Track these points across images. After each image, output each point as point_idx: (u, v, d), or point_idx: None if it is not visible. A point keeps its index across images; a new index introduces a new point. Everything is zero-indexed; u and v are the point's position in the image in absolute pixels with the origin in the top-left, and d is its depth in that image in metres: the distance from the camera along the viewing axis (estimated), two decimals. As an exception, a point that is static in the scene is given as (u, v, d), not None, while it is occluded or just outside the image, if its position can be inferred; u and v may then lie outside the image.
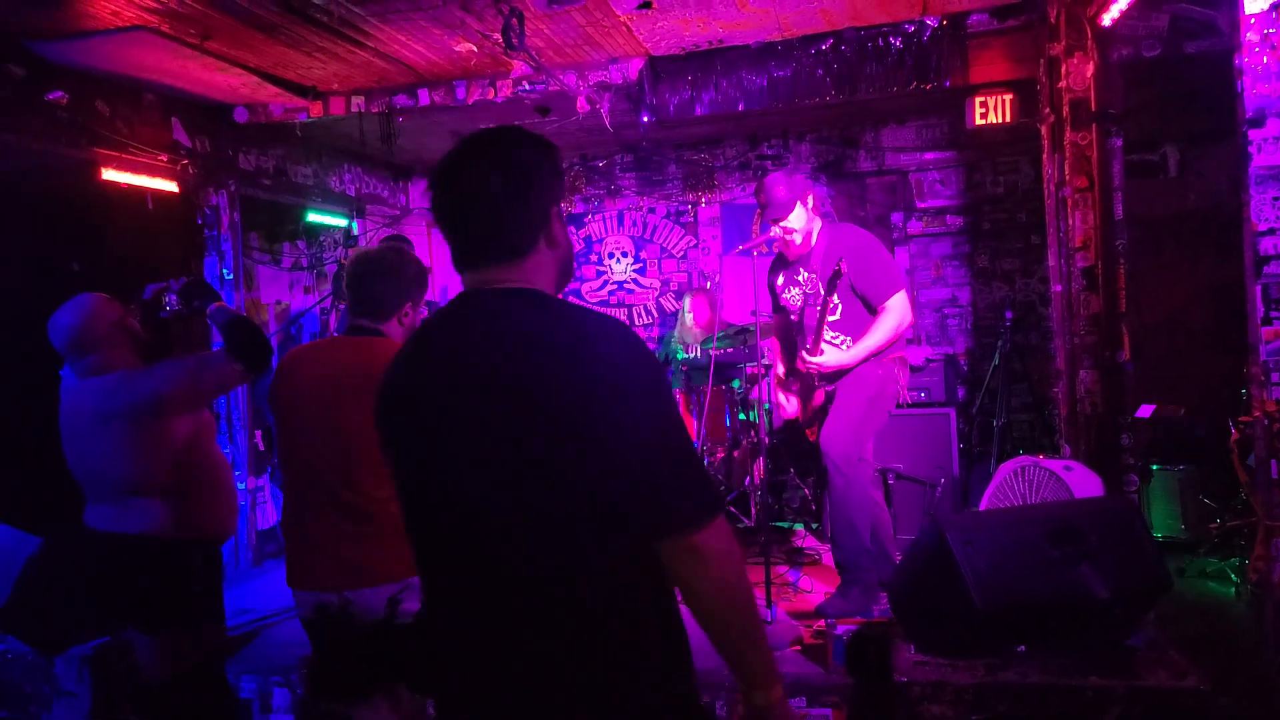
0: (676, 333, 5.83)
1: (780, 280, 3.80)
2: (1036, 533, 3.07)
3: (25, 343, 4.59)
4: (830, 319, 3.45)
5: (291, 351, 2.45)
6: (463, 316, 1.36)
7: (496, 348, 1.28)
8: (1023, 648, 3.14)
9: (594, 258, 7.02)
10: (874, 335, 3.44)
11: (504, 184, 1.34)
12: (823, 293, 3.39)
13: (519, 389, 1.24)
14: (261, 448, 5.66)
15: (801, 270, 3.64)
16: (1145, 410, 4.60)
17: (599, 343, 1.26)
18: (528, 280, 1.37)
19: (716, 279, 6.69)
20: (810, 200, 3.55)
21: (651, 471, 1.22)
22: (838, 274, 3.35)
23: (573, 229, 7.06)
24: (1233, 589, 4.14)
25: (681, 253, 6.84)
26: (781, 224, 3.52)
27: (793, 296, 3.69)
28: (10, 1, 3.58)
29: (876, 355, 3.48)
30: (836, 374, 3.54)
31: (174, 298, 2.90)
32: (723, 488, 5.25)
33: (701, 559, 1.22)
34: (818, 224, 3.57)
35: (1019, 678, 2.95)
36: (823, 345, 3.42)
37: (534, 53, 4.31)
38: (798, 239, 3.56)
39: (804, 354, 3.46)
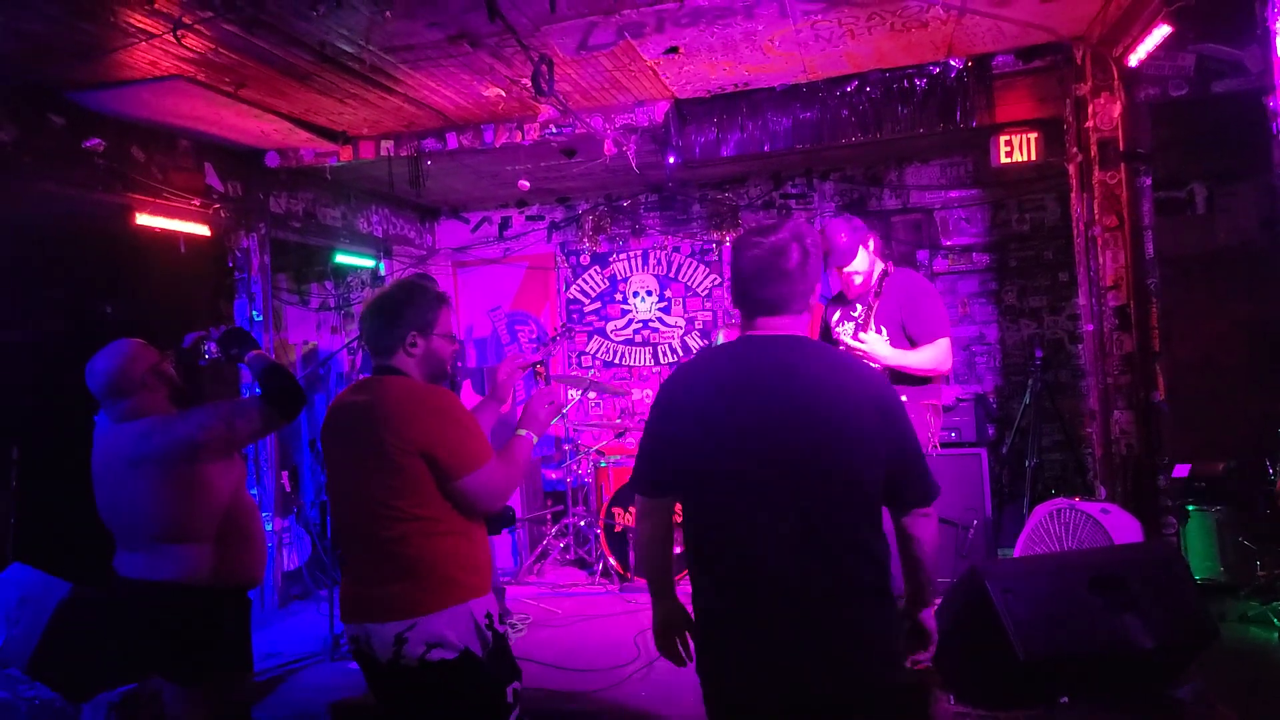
0: None
1: (836, 316, 3.90)
2: (1078, 581, 3.01)
3: (59, 386, 4.66)
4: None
5: (338, 394, 2.49)
6: (788, 345, 1.93)
7: (848, 370, 1.92)
8: (1065, 699, 3.06)
9: (619, 297, 7.04)
10: (914, 354, 3.52)
11: (803, 263, 1.93)
12: (872, 303, 3.54)
13: (878, 402, 1.87)
14: (288, 489, 5.67)
15: (857, 305, 3.72)
16: (1182, 470, 4.52)
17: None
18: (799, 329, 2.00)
19: (739, 317, 6.68)
20: (871, 243, 3.68)
21: (917, 469, 1.93)
22: (877, 294, 3.50)
23: (597, 268, 7.09)
24: (1276, 634, 4.03)
25: (706, 291, 6.85)
26: (847, 269, 3.66)
27: (845, 331, 3.75)
28: (53, 54, 3.67)
29: (911, 377, 3.52)
30: None
31: (213, 345, 2.93)
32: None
33: (929, 523, 1.98)
34: (879, 265, 3.67)
35: (1064, 731, 2.87)
36: (871, 333, 3.51)
37: (561, 97, 4.36)
38: (859, 279, 3.69)
39: (852, 334, 3.57)
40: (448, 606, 2.17)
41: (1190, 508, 4.77)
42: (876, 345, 3.51)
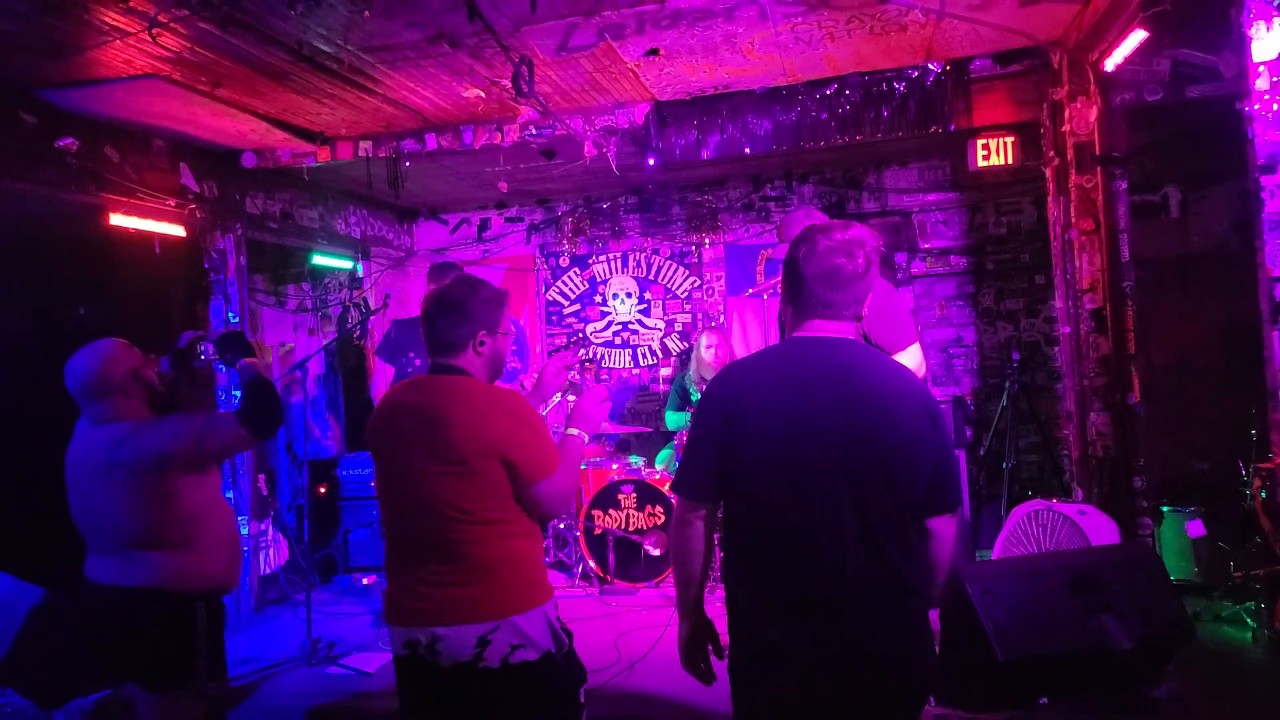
0: (693, 371, 5.80)
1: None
2: (1057, 582, 3.01)
3: (28, 389, 4.58)
4: None
5: (386, 392, 2.40)
6: (843, 348, 1.94)
7: (900, 375, 1.94)
8: (1045, 699, 3.08)
9: (598, 299, 7.02)
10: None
11: (866, 268, 1.94)
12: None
13: (928, 408, 1.90)
14: (265, 492, 5.61)
15: None
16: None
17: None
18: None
19: (721, 319, 6.69)
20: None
21: (954, 474, 1.97)
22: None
23: (576, 269, 7.07)
24: (1249, 634, 4.08)
25: (686, 293, 6.85)
26: None
27: None
28: (24, 52, 3.61)
29: None
30: None
31: (209, 346, 2.88)
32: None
33: (954, 524, 2.02)
34: None
35: (1043, 731, 2.88)
36: None
37: (541, 98, 4.34)
38: None
39: None
40: (529, 608, 2.13)
41: (1165, 509, 4.83)
42: None
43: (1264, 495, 3.95)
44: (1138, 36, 3.61)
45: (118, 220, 4.58)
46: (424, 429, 2.15)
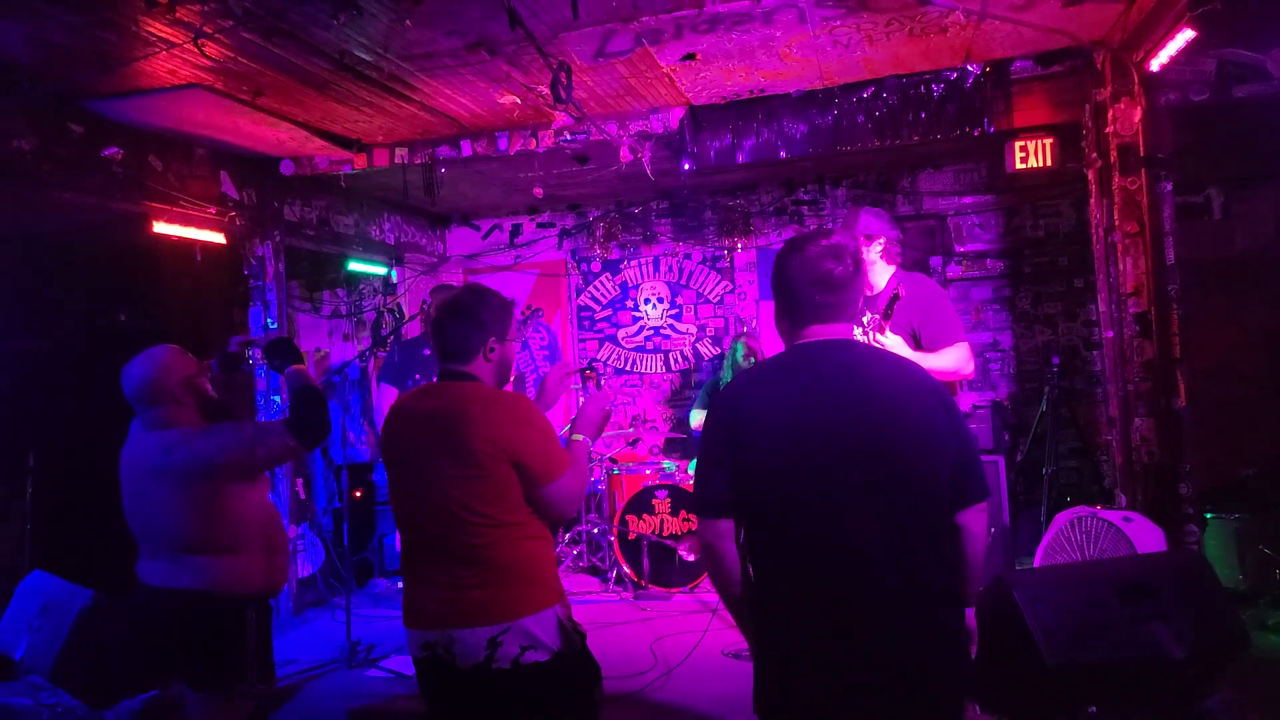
0: (727, 377, 5.79)
1: None
2: (1105, 589, 2.98)
3: (75, 394, 4.67)
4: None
5: (398, 400, 2.45)
6: (846, 348, 1.94)
7: (909, 370, 1.94)
8: (1093, 709, 3.03)
9: (630, 303, 7.03)
10: (936, 357, 3.28)
11: (855, 271, 1.96)
12: (880, 318, 3.33)
13: (941, 398, 1.89)
14: (303, 496, 5.66)
15: (867, 312, 3.58)
16: None
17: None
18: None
19: (754, 324, 6.67)
20: (880, 242, 3.45)
21: (976, 465, 1.94)
22: (895, 298, 3.29)
23: (608, 274, 7.09)
24: (1300, 644, 4.00)
25: (718, 298, 6.84)
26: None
27: (855, 333, 3.63)
28: (74, 63, 3.68)
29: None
30: None
31: (257, 352, 2.92)
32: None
33: (983, 518, 1.95)
34: (890, 270, 3.48)
35: (1093, 742, 2.84)
36: (890, 334, 3.29)
37: (577, 103, 4.36)
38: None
39: (873, 326, 3.31)
40: (539, 610, 2.17)
41: (1209, 515, 4.74)
42: (898, 347, 3.27)
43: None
44: (1185, 36, 3.56)
45: (161, 228, 4.66)
46: (439, 434, 2.19)
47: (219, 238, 5.03)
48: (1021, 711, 3.05)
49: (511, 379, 2.54)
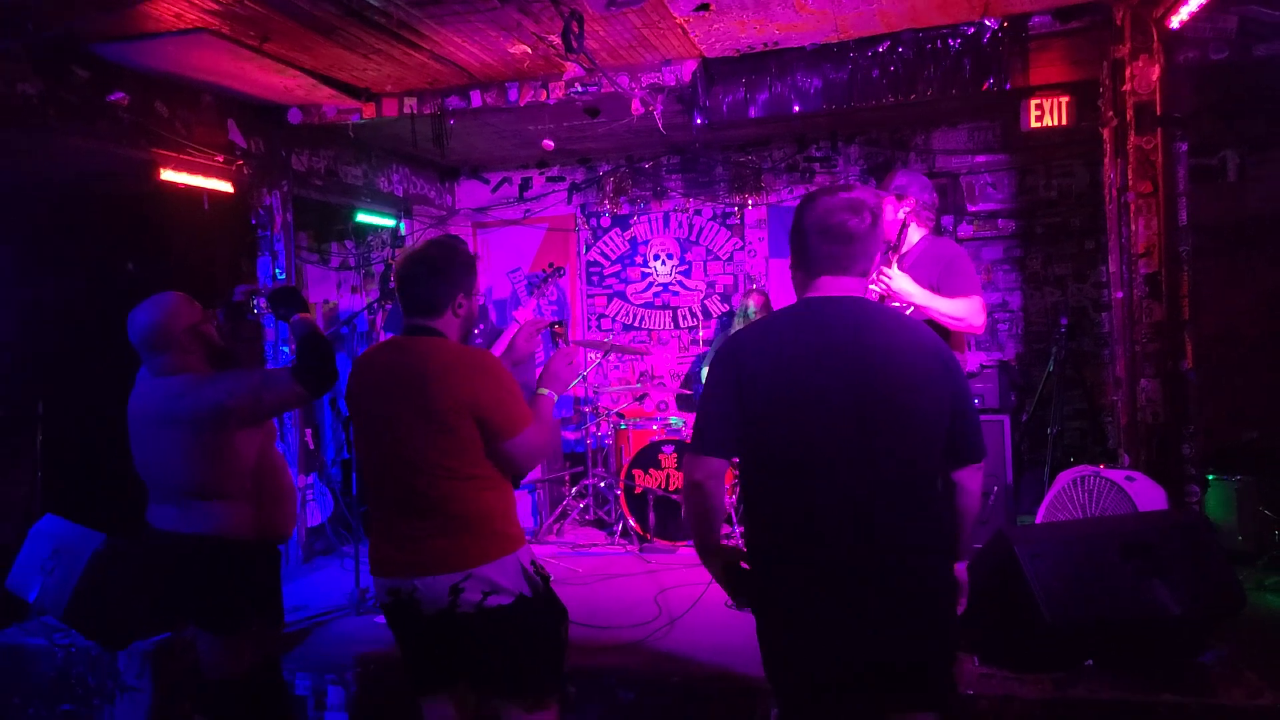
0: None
1: None
2: (1106, 547, 3.02)
3: (83, 343, 4.70)
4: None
5: (366, 351, 2.49)
6: (853, 305, 1.96)
7: (912, 327, 1.97)
8: (1090, 662, 3.09)
9: (639, 259, 7.01)
10: (945, 301, 3.18)
11: (872, 225, 1.97)
12: (893, 252, 3.24)
13: (940, 358, 1.92)
14: (311, 446, 5.72)
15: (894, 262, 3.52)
16: None
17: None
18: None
19: (764, 281, 6.65)
20: (910, 204, 3.37)
21: (974, 424, 1.99)
22: (893, 246, 3.22)
23: (618, 230, 7.05)
24: (1295, 603, 4.05)
25: (728, 255, 6.81)
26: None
27: (872, 295, 3.60)
28: (78, 5, 3.63)
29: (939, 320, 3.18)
30: None
31: (262, 301, 2.93)
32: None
33: (979, 476, 2.03)
34: (921, 234, 3.42)
35: (1089, 693, 2.90)
36: (897, 270, 3.16)
37: (589, 54, 4.30)
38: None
39: (885, 269, 3.18)
40: (499, 557, 2.25)
41: (1211, 477, 4.78)
42: (904, 284, 3.15)
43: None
44: (1208, -9, 3.49)
45: (168, 175, 4.63)
46: (404, 388, 2.24)
47: (226, 186, 5.01)
48: (1019, 664, 3.11)
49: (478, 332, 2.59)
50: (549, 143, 5.32)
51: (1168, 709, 2.82)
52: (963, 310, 3.22)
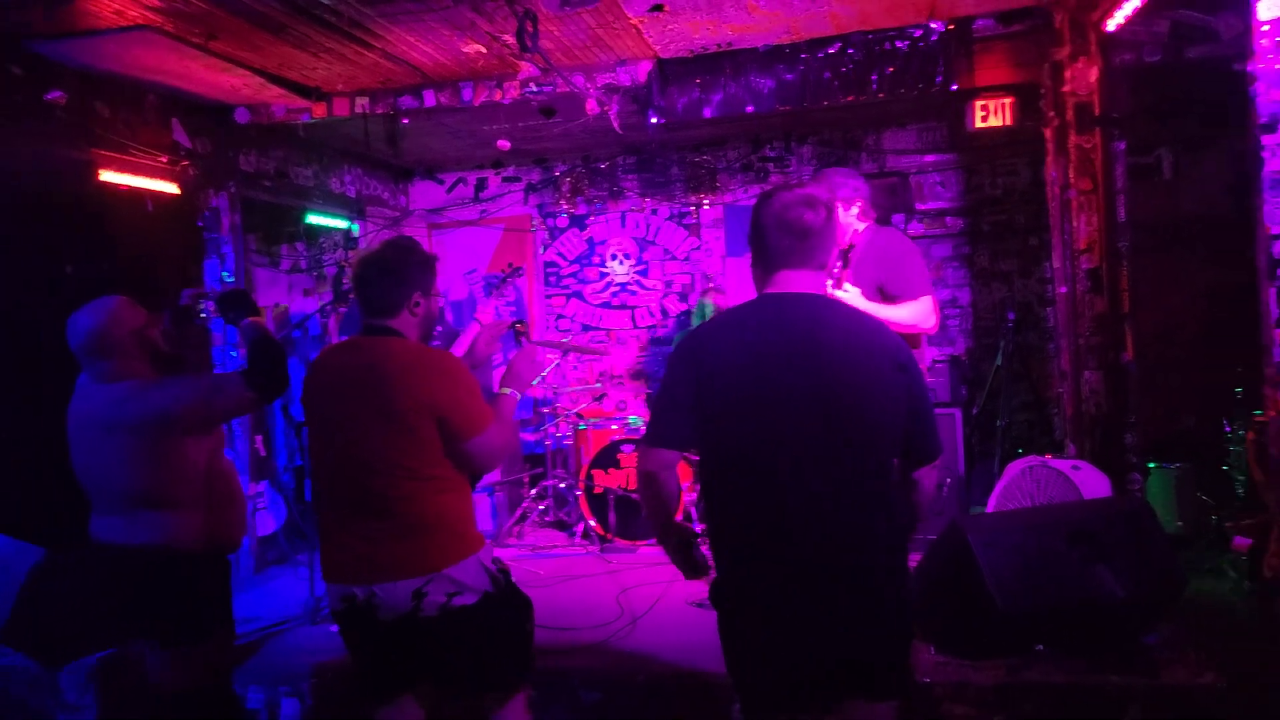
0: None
1: None
2: (1055, 535, 3.11)
3: (20, 348, 4.54)
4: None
5: (321, 351, 2.45)
6: (811, 302, 1.98)
7: (870, 327, 1.98)
8: (1041, 647, 3.17)
9: (596, 259, 7.01)
10: (895, 309, 3.30)
11: (827, 220, 2.01)
12: (838, 269, 3.37)
13: (897, 358, 1.93)
14: (263, 453, 5.61)
15: (839, 263, 3.61)
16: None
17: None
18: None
19: (720, 279, 6.70)
20: (857, 206, 3.47)
21: (932, 424, 2.01)
22: (851, 247, 3.34)
23: (575, 230, 7.05)
24: (1230, 585, 4.19)
25: (684, 254, 6.85)
26: None
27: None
28: (12, 1, 3.52)
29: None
30: None
31: (210, 305, 2.86)
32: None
33: (934, 474, 2.05)
34: (860, 225, 3.51)
35: (1041, 677, 2.98)
36: (849, 287, 3.32)
37: (544, 54, 4.30)
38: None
39: (832, 286, 3.31)
40: (461, 559, 2.22)
41: (1151, 465, 4.94)
42: (856, 300, 3.29)
43: (1255, 447, 4.04)
44: (1142, -4, 3.62)
45: (109, 176, 4.51)
46: (362, 389, 2.21)
47: (171, 188, 4.89)
48: (975, 651, 3.18)
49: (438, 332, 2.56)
50: (504, 143, 5.30)
51: (1116, 689, 2.91)
52: (913, 316, 3.33)
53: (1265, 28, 2.95)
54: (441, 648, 2.25)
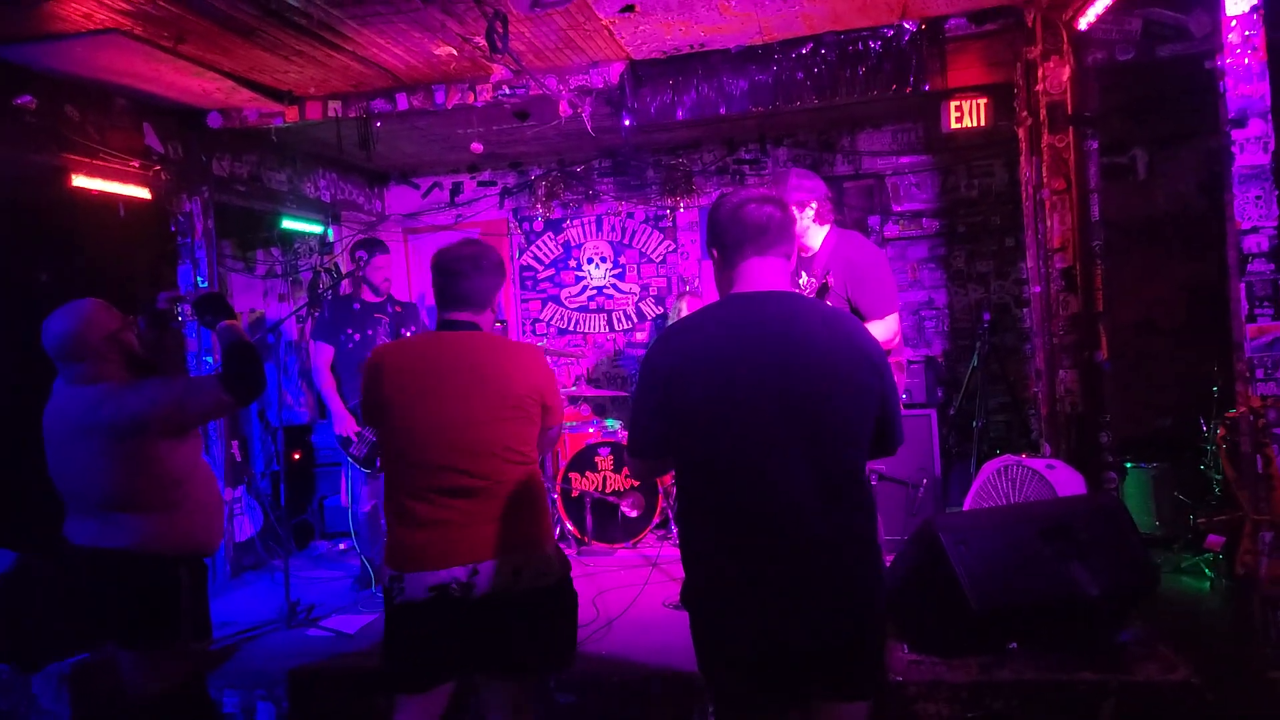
0: None
1: None
2: (1028, 532, 3.11)
3: (-5, 354, 4.48)
4: None
5: (384, 347, 2.48)
6: (781, 300, 1.98)
7: (842, 324, 1.98)
8: (1014, 645, 3.17)
9: (572, 263, 6.99)
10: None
11: (784, 217, 2.04)
12: (818, 275, 3.40)
13: (870, 359, 1.93)
14: (239, 458, 5.56)
15: (803, 273, 3.61)
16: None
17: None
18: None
19: (696, 283, 6.70)
20: (813, 206, 3.47)
21: (898, 421, 2.02)
22: (825, 288, 3.36)
23: (551, 234, 7.03)
24: (1207, 584, 4.21)
25: (660, 257, 6.84)
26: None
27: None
28: (-24, 4, 3.49)
29: None
30: None
31: (187, 308, 2.84)
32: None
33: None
34: (825, 229, 3.51)
35: (1014, 675, 2.98)
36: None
37: (515, 56, 4.29)
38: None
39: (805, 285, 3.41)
40: (552, 540, 2.43)
41: (1128, 464, 4.95)
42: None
43: (1227, 444, 4.06)
44: (1111, -6, 3.64)
45: (80, 182, 4.46)
46: (476, 378, 2.32)
47: (143, 193, 4.85)
48: (948, 650, 3.18)
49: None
50: (478, 146, 5.28)
51: (1089, 686, 2.91)
52: (879, 336, 3.31)
53: (1234, 22, 2.98)
54: (524, 624, 2.32)
